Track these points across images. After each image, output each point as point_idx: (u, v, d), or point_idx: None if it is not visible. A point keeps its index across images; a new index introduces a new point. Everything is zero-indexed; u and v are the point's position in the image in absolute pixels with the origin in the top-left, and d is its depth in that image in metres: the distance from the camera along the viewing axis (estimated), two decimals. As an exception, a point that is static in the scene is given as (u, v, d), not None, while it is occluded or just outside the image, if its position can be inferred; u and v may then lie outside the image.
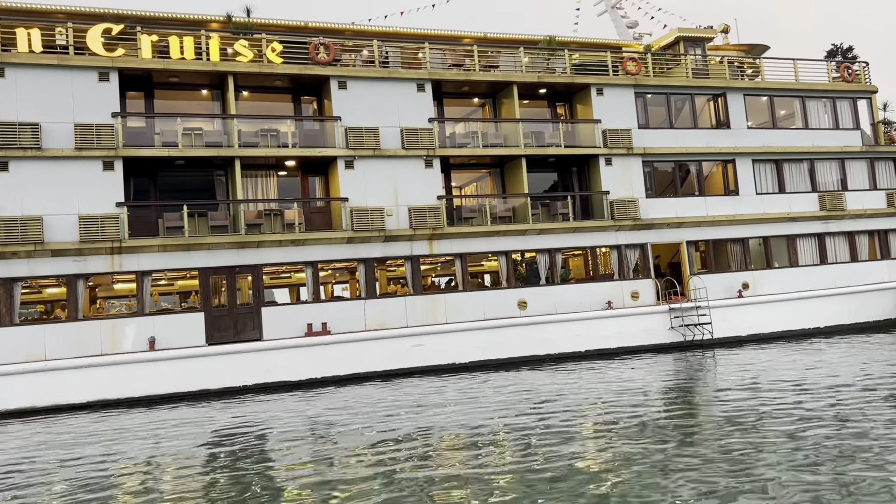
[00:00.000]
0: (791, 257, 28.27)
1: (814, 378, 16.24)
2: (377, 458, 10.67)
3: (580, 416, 13.35)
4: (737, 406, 13.15)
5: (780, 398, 13.69)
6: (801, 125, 29.48)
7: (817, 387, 14.86)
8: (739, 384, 16.36)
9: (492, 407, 15.07)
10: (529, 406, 14.91)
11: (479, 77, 24.50)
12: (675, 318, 25.24)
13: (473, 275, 29.21)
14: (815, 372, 17.35)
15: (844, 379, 15.73)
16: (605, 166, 25.79)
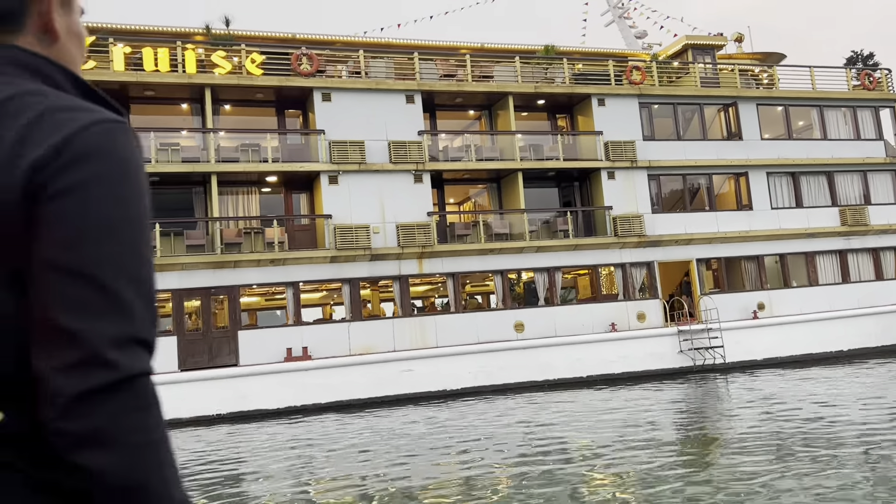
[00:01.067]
0: (810, 276, 26.87)
1: (839, 407, 14.89)
2: None
3: (572, 461, 12.19)
4: (756, 440, 11.86)
5: (803, 431, 12.37)
6: (819, 136, 28.21)
7: (843, 419, 13.53)
8: (755, 413, 15.08)
9: (463, 442, 13.97)
10: (517, 442, 13.78)
11: (472, 88, 23.67)
12: (684, 341, 23.94)
13: (472, 294, 28.16)
14: (840, 400, 15.98)
15: (872, 409, 14.38)
16: (608, 180, 24.72)
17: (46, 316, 0.82)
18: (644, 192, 25.03)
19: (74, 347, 0.80)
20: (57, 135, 0.85)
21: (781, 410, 14.99)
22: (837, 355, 25.66)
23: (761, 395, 17.78)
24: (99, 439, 0.79)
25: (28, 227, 0.84)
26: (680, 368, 23.89)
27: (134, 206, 0.86)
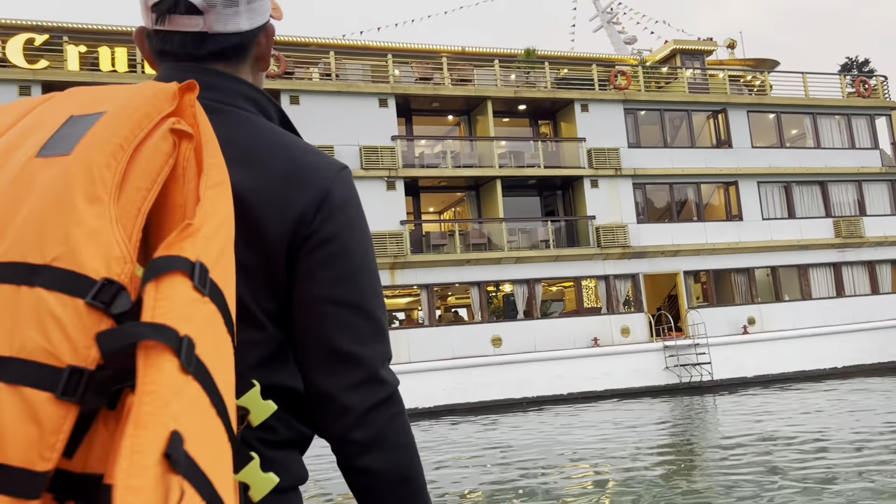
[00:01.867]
0: (803, 289, 26.04)
1: (835, 428, 14.01)
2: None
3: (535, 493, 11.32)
4: (741, 463, 10.99)
5: (794, 455, 11.50)
6: (812, 144, 27.46)
7: (839, 442, 12.66)
8: (742, 433, 14.20)
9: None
10: (480, 471, 12.90)
11: (448, 92, 22.92)
12: (669, 357, 23.10)
13: (452, 307, 27.32)
14: (832, 419, 15.11)
15: (869, 431, 13.51)
16: (591, 188, 23.94)
17: (331, 344, 0.99)
18: (629, 202, 24.24)
19: (359, 369, 0.99)
20: (316, 185, 1.00)
21: (769, 430, 14.13)
22: (831, 372, 24.82)
23: (749, 414, 16.94)
24: (381, 443, 0.98)
25: (289, 269, 1.00)
26: (666, 386, 23.04)
27: (371, 241, 1.05)
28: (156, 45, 1.07)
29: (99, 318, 0.74)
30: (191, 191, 0.84)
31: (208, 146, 0.88)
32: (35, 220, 0.77)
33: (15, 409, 0.70)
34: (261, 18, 1.09)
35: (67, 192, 0.78)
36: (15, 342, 0.73)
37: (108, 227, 0.77)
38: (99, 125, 0.83)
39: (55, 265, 0.75)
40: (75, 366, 0.72)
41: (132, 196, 0.81)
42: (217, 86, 1.05)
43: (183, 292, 0.76)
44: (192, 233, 0.80)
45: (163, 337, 0.72)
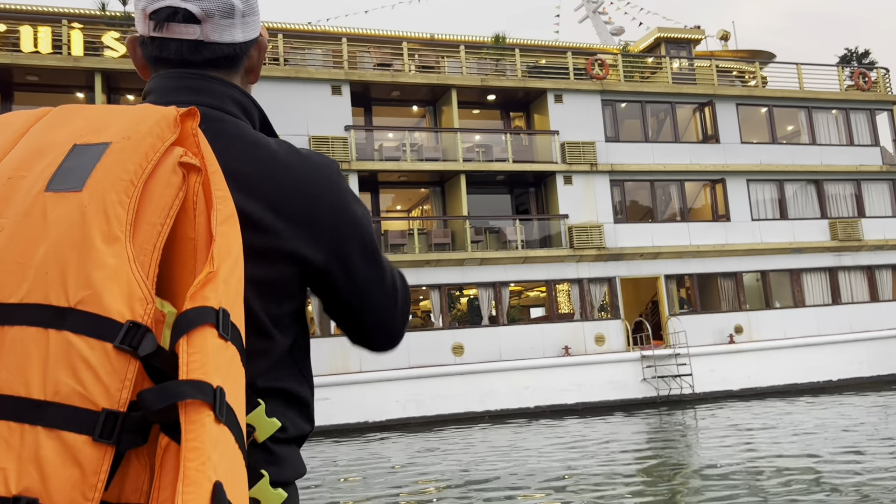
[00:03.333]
0: (795, 296, 24.56)
1: (829, 451, 12.57)
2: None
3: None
4: (719, 496, 9.56)
5: (781, 481, 10.08)
6: (807, 140, 26.02)
7: (833, 465, 11.24)
8: (724, 455, 12.78)
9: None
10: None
11: (407, 79, 21.57)
12: (647, 368, 21.64)
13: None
14: (829, 442, 13.65)
15: (867, 451, 12.07)
16: (564, 185, 22.56)
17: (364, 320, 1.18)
18: (605, 200, 22.84)
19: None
20: (322, 196, 1.09)
21: (754, 451, 12.70)
22: (825, 386, 23.33)
23: (732, 432, 15.49)
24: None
25: (303, 278, 1.09)
26: (643, 399, 21.59)
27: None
28: (151, 52, 1.11)
29: (127, 361, 0.79)
30: (202, 224, 0.87)
31: (214, 178, 0.90)
32: (55, 261, 0.80)
33: (56, 452, 0.75)
34: (254, 33, 1.14)
35: (85, 232, 0.81)
36: (49, 386, 0.76)
37: (127, 268, 0.81)
38: (107, 159, 0.85)
39: (81, 308, 0.78)
40: (110, 409, 0.77)
41: (147, 232, 0.84)
42: (210, 90, 1.10)
43: (211, 343, 0.81)
44: (213, 278, 0.83)
45: (201, 394, 0.78)
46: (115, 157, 0.85)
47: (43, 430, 0.75)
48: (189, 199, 0.87)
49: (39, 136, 0.90)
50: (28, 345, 0.78)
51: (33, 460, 0.75)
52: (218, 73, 1.12)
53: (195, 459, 0.76)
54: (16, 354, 0.78)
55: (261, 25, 1.16)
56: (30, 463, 0.75)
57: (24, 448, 0.75)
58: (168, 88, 1.08)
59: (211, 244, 0.86)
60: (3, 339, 0.78)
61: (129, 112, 0.92)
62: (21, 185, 0.85)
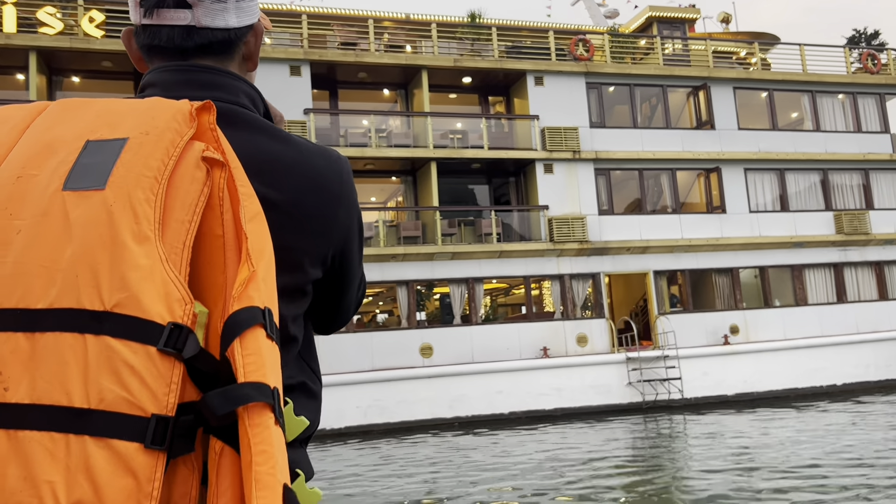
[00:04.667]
0: (797, 294, 23.14)
1: (833, 463, 11.27)
2: None
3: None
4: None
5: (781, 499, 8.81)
6: (811, 126, 24.58)
7: (839, 480, 9.95)
8: (713, 467, 11.49)
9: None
10: None
11: (373, 60, 20.32)
12: (633, 371, 20.29)
13: (374, 311, 24.67)
14: (834, 453, 12.33)
15: (875, 464, 10.78)
16: (544, 174, 21.25)
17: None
18: (589, 190, 21.52)
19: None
20: (341, 199, 1.09)
21: (747, 462, 11.41)
22: (829, 391, 21.92)
23: (723, 443, 14.19)
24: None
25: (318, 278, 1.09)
26: (629, 405, 20.26)
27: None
28: (143, 41, 1.09)
29: (172, 364, 0.77)
30: (229, 221, 0.86)
31: (237, 173, 0.88)
32: (85, 264, 0.78)
33: (107, 461, 0.73)
34: (249, 18, 1.12)
35: (114, 232, 0.79)
36: (92, 394, 0.74)
37: (161, 267, 0.79)
38: (127, 155, 0.83)
39: (118, 311, 0.77)
40: (159, 414, 0.76)
41: (176, 230, 0.82)
42: (221, 83, 1.08)
43: (262, 343, 0.81)
44: (254, 278, 0.83)
45: (264, 396, 0.78)
46: (135, 153, 0.83)
47: (91, 440, 0.74)
48: (214, 196, 0.86)
49: (44, 131, 0.88)
50: (64, 351, 0.76)
51: (83, 471, 0.73)
52: (212, 60, 1.09)
53: (265, 463, 0.76)
54: (52, 362, 0.75)
55: (258, 11, 1.14)
56: (80, 474, 0.73)
57: (72, 459, 0.73)
58: (174, 82, 1.06)
59: (242, 242, 0.84)
60: (34, 346, 0.76)
61: (139, 106, 0.90)
62: (34, 183, 0.82)
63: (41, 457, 0.73)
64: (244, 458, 0.77)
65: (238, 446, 0.79)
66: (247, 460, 0.76)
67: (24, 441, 0.74)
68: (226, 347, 0.80)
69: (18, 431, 0.74)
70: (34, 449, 0.73)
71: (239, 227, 0.85)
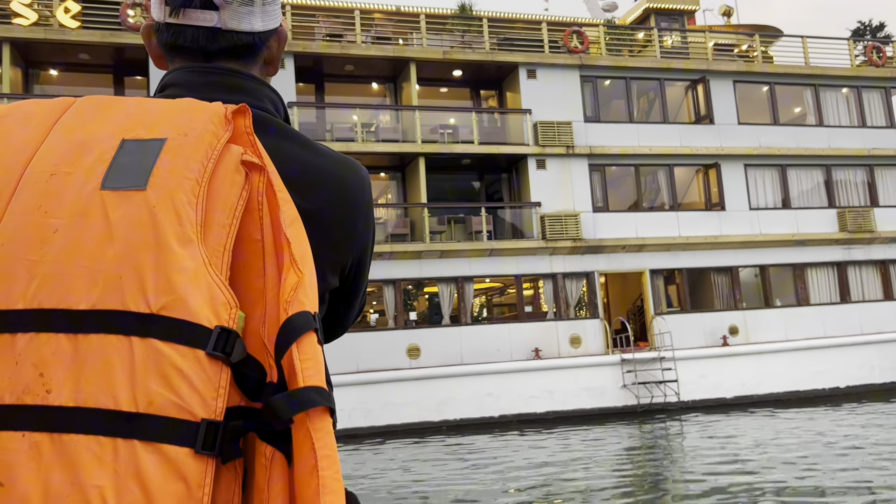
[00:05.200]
0: (799, 293, 22.57)
1: (834, 465, 10.77)
2: None
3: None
4: None
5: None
6: (814, 121, 23.99)
7: (833, 484, 9.44)
8: (708, 474, 10.99)
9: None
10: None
11: (359, 52, 19.84)
12: (627, 374, 19.76)
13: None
14: (839, 464, 11.82)
15: (881, 471, 10.27)
16: (536, 170, 20.74)
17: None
18: (583, 186, 21.00)
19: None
20: (361, 210, 1.08)
21: (748, 470, 10.89)
22: (832, 393, 21.35)
23: (719, 447, 13.66)
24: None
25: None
26: (623, 408, 19.72)
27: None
28: (166, 39, 1.08)
29: (220, 369, 0.77)
30: (268, 225, 0.86)
31: (274, 178, 0.88)
32: (129, 265, 0.77)
33: (158, 467, 0.73)
34: (274, 22, 1.11)
35: (158, 233, 0.78)
36: (140, 397, 0.74)
37: (205, 270, 0.79)
38: (167, 156, 0.83)
39: (165, 314, 0.76)
40: (209, 419, 0.75)
41: (217, 234, 0.82)
42: (246, 88, 1.08)
43: (316, 348, 0.81)
44: (302, 283, 0.83)
45: (326, 400, 0.79)
46: (175, 155, 0.83)
47: (140, 444, 0.73)
48: (253, 199, 0.86)
49: (75, 128, 0.87)
50: (109, 354, 0.75)
51: (134, 476, 0.72)
52: (235, 64, 1.09)
53: (330, 468, 0.77)
54: (97, 364, 0.75)
55: (281, 15, 1.14)
56: (130, 479, 0.72)
57: (120, 464, 0.73)
58: (199, 84, 1.06)
59: (282, 247, 0.85)
60: (77, 348, 0.75)
61: (175, 106, 0.90)
62: (69, 181, 0.81)
63: (88, 461, 0.72)
64: (306, 462, 0.77)
65: (287, 451, 0.79)
66: (310, 465, 0.76)
67: (69, 445, 0.73)
68: (282, 353, 0.80)
69: (63, 435, 0.73)
70: (80, 453, 0.72)
71: (278, 231, 0.85)
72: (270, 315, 0.81)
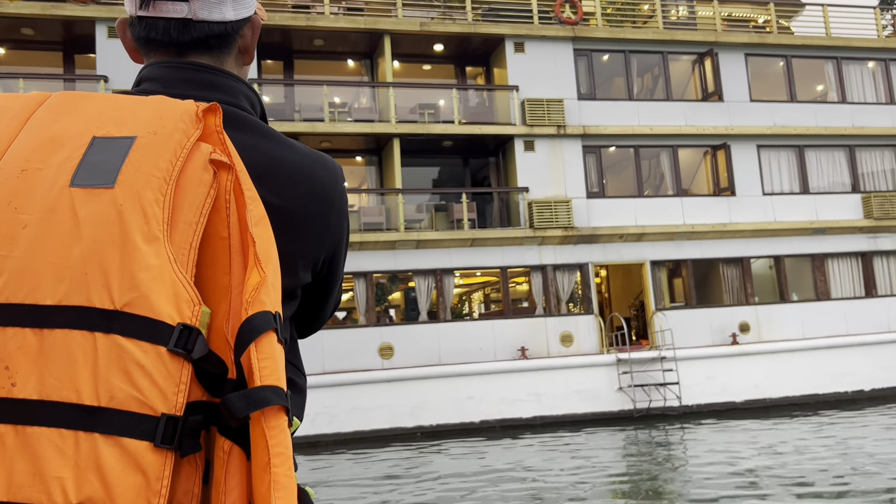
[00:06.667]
0: (818, 287, 20.83)
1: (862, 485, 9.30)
2: None
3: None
4: None
5: None
6: (836, 98, 22.20)
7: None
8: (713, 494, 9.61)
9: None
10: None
11: (327, 24, 18.48)
12: (624, 375, 18.22)
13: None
14: (863, 477, 10.32)
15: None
16: (524, 152, 19.25)
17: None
18: (576, 170, 19.48)
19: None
20: (334, 208, 1.10)
21: (751, 481, 9.47)
22: (856, 397, 19.66)
23: (721, 456, 12.22)
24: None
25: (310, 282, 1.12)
26: (619, 413, 18.19)
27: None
28: (139, 33, 1.09)
29: (181, 365, 0.80)
30: (234, 224, 0.88)
31: (242, 176, 0.90)
32: (94, 262, 0.79)
33: (117, 459, 0.76)
34: (246, 11, 1.12)
35: (124, 231, 0.81)
36: (102, 392, 0.77)
37: (170, 268, 0.82)
38: (136, 154, 0.85)
39: (129, 311, 0.79)
40: (169, 414, 0.78)
41: (184, 231, 0.84)
42: (221, 84, 1.08)
43: (275, 348, 0.83)
44: (264, 283, 0.84)
45: (281, 399, 0.81)
46: (144, 153, 0.85)
47: (101, 437, 0.76)
48: (221, 198, 0.87)
49: (48, 124, 0.89)
50: (74, 349, 0.77)
51: (94, 468, 0.75)
52: (209, 56, 1.10)
53: (282, 465, 0.79)
54: (61, 359, 0.77)
55: (255, 3, 1.14)
56: (90, 471, 0.75)
57: (81, 456, 0.75)
58: (174, 80, 1.06)
59: (248, 246, 0.86)
60: (43, 342, 0.78)
61: (146, 104, 0.91)
62: (39, 178, 0.83)
63: (50, 453, 0.74)
64: (260, 459, 0.79)
65: (245, 446, 0.82)
66: (263, 461, 0.79)
67: (32, 437, 0.75)
68: (241, 352, 0.82)
69: (27, 427, 0.75)
70: (43, 445, 0.75)
71: (245, 230, 0.87)
72: (234, 312, 0.83)
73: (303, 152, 1.06)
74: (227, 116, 0.99)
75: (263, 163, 0.99)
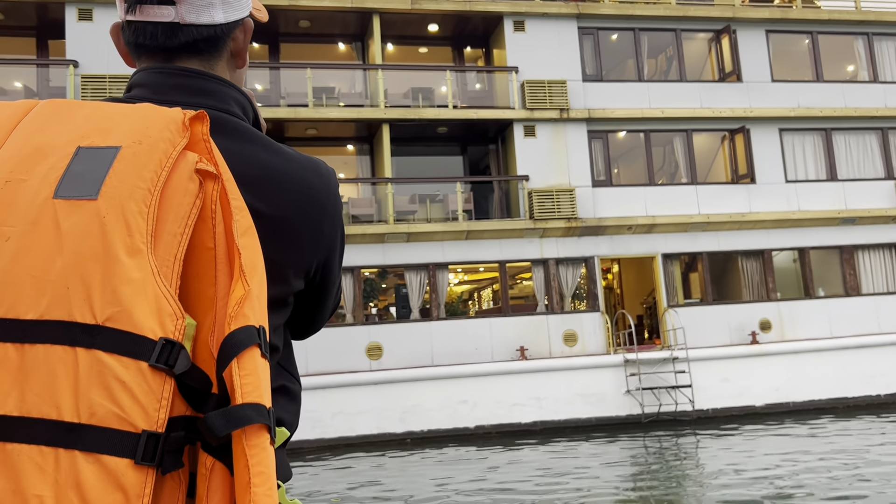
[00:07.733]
0: (847, 281, 19.49)
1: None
2: None
3: None
4: None
5: None
6: (866, 77, 20.80)
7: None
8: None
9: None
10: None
11: (311, 3, 17.53)
12: (632, 377, 17.08)
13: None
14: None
15: None
16: (524, 138, 18.18)
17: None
18: (581, 156, 18.35)
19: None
20: (327, 214, 1.08)
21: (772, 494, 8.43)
22: (888, 401, 18.36)
23: (739, 465, 11.13)
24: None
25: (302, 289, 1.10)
26: (627, 418, 17.07)
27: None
28: (129, 38, 1.08)
29: (163, 380, 0.79)
30: (221, 234, 0.87)
31: (229, 186, 0.89)
32: (76, 275, 0.78)
33: (97, 477, 0.75)
34: (237, 13, 1.09)
35: (106, 244, 0.80)
36: (83, 408, 0.76)
37: (153, 281, 0.80)
38: (120, 164, 0.84)
39: (110, 326, 0.78)
40: (150, 430, 0.77)
41: (168, 243, 0.83)
42: (212, 91, 1.07)
43: (258, 363, 0.82)
44: (248, 296, 0.84)
45: (262, 417, 0.80)
46: (128, 164, 0.84)
47: (81, 455, 0.75)
48: (207, 208, 0.86)
49: (33, 134, 0.88)
50: (55, 364, 0.77)
51: (73, 486, 0.74)
52: (198, 60, 1.08)
53: (263, 484, 0.78)
54: (41, 375, 0.76)
55: (248, 5, 1.12)
56: (69, 489, 0.74)
57: (61, 474, 0.74)
58: (164, 86, 1.05)
59: (234, 256, 0.85)
60: (24, 358, 0.77)
61: (132, 113, 0.90)
62: (23, 189, 0.83)
63: (30, 470, 0.74)
64: (241, 477, 0.78)
65: (228, 463, 0.81)
66: (244, 480, 0.78)
67: (12, 454, 0.74)
68: (223, 368, 0.81)
69: (6, 444, 0.75)
70: (23, 462, 0.74)
71: (231, 240, 0.86)
72: (219, 325, 0.82)
73: (294, 159, 1.04)
74: (217, 123, 0.97)
75: (253, 171, 0.97)
